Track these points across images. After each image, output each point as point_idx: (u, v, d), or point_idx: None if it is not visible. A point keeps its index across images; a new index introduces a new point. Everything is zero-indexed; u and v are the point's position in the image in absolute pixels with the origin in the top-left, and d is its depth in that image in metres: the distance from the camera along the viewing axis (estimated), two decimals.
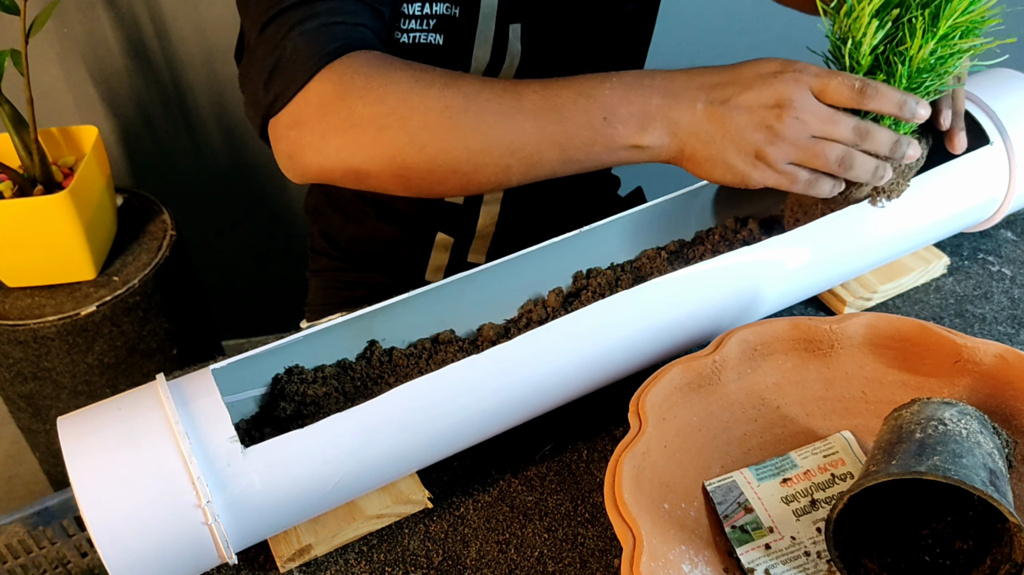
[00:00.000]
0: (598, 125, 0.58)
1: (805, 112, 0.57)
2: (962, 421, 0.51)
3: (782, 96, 0.57)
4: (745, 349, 0.59)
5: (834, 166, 0.58)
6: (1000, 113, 0.70)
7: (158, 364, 1.28)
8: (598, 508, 0.59)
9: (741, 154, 0.58)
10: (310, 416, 0.60)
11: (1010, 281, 0.76)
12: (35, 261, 1.16)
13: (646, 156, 0.60)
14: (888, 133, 0.59)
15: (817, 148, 0.58)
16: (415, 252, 0.95)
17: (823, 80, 0.58)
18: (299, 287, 1.09)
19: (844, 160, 0.58)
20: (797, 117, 0.57)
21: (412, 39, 0.74)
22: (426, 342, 0.66)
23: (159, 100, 1.46)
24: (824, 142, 0.58)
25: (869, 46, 0.59)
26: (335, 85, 0.59)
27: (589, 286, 0.69)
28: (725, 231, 0.74)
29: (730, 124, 0.57)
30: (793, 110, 0.57)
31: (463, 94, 0.58)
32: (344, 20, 0.61)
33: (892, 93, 0.58)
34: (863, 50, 0.59)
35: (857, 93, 0.58)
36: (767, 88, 0.57)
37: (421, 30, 0.73)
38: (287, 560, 0.56)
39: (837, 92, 0.58)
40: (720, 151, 0.58)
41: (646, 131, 0.58)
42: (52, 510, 1.02)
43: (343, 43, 0.60)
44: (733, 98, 0.58)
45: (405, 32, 0.73)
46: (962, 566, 0.51)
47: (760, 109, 0.57)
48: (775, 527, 0.54)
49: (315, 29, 0.60)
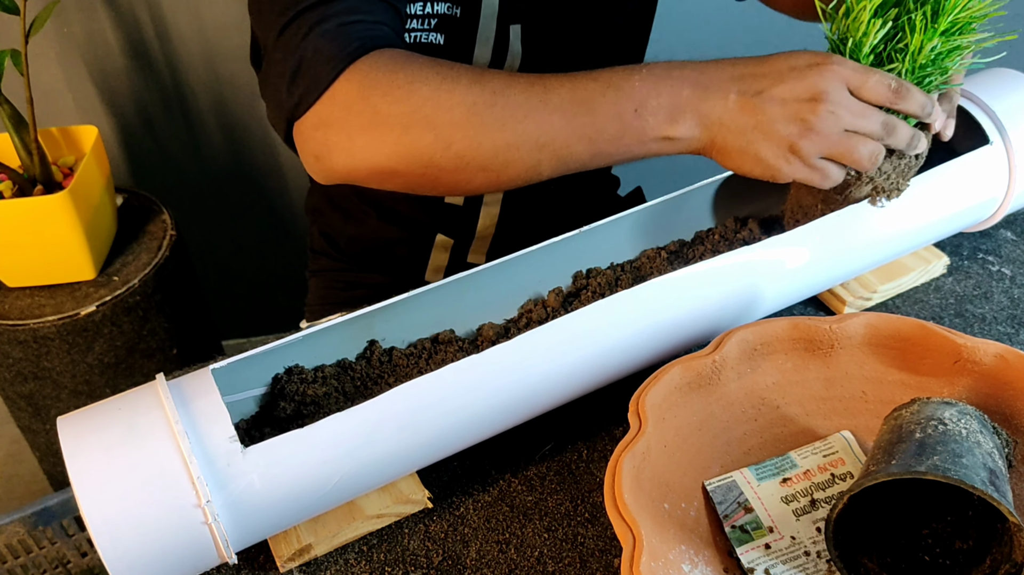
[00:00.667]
0: (628, 118, 0.58)
1: (840, 107, 0.56)
2: (962, 421, 0.51)
3: (818, 89, 0.56)
4: (745, 349, 0.59)
5: (866, 162, 0.58)
6: (1000, 113, 0.70)
7: (158, 364, 1.28)
8: (598, 508, 0.59)
9: (773, 146, 0.57)
10: (310, 416, 0.60)
11: (1010, 281, 0.76)
12: (35, 261, 1.16)
13: (677, 148, 0.59)
14: (907, 128, 0.59)
15: (851, 143, 0.57)
16: (415, 253, 0.95)
17: (861, 76, 0.57)
18: (299, 287, 1.09)
19: (875, 156, 0.58)
20: (832, 111, 0.56)
21: (413, 39, 0.74)
22: (426, 342, 0.66)
23: (159, 100, 1.46)
24: (857, 136, 0.57)
25: (870, 46, 0.59)
26: (359, 85, 0.58)
27: (589, 286, 0.69)
28: (725, 231, 0.74)
29: (763, 116, 0.57)
30: (829, 103, 0.56)
31: (489, 90, 0.58)
32: (363, 19, 0.61)
33: (920, 95, 0.58)
34: (864, 50, 0.59)
35: (893, 93, 0.58)
36: (803, 81, 0.56)
37: (422, 29, 0.73)
38: (287, 560, 0.56)
39: (875, 90, 0.57)
40: (751, 143, 0.57)
41: (677, 122, 0.58)
42: (52, 510, 1.02)
43: (364, 42, 0.60)
44: (767, 90, 0.57)
45: (407, 32, 0.73)
46: (962, 566, 0.51)
47: (794, 102, 0.56)
48: (775, 527, 0.54)
49: (335, 29, 0.59)
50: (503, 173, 0.59)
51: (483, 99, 0.57)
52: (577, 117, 0.58)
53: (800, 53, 0.58)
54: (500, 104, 0.57)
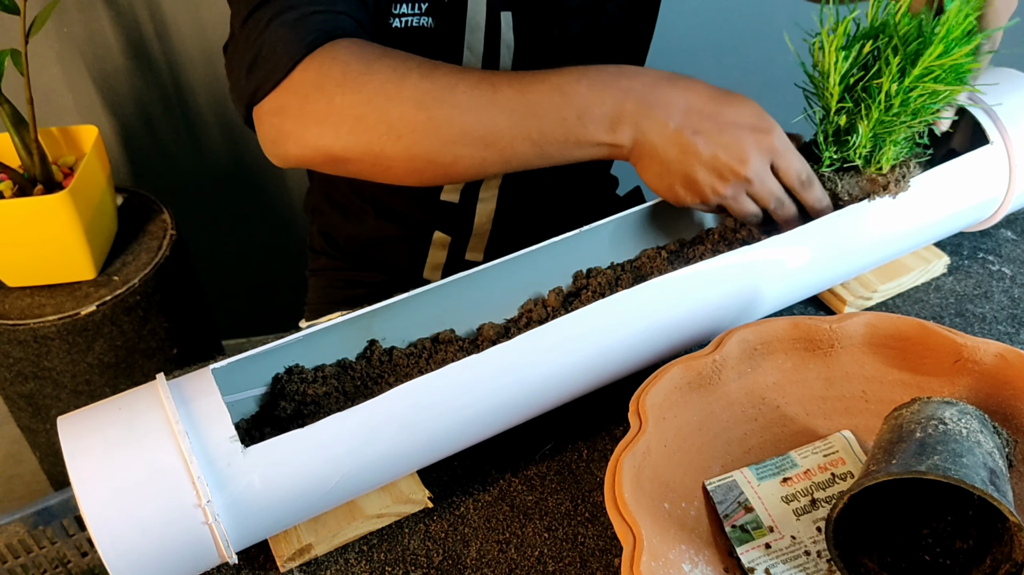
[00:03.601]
0: (571, 124, 0.60)
1: (755, 178, 0.62)
2: (962, 420, 0.51)
3: (745, 156, 0.61)
4: (745, 348, 0.59)
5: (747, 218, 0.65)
6: (1000, 113, 0.70)
7: (158, 364, 1.28)
8: (598, 507, 0.59)
9: (685, 183, 0.62)
10: (310, 416, 0.60)
11: (1010, 280, 0.76)
12: (35, 261, 1.16)
13: (613, 154, 0.63)
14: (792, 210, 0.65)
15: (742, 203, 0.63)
16: (413, 250, 0.95)
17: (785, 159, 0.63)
18: (299, 287, 1.09)
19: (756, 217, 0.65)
20: (746, 179, 0.62)
21: (404, 23, 0.74)
22: (426, 342, 0.66)
23: (159, 100, 1.46)
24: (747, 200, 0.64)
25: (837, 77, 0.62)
26: (315, 74, 0.60)
27: (589, 286, 0.69)
28: (725, 231, 0.74)
29: (690, 156, 0.61)
30: (748, 172, 0.61)
31: (439, 85, 0.60)
32: (325, 9, 0.63)
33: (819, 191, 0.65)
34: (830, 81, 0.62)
35: (799, 184, 0.64)
36: (738, 142, 0.61)
37: (413, 14, 0.74)
38: (287, 560, 0.56)
39: (787, 175, 0.63)
40: (670, 172, 0.62)
41: (615, 132, 0.61)
42: (52, 510, 1.02)
43: (323, 32, 0.61)
44: (705, 133, 0.61)
45: (397, 16, 0.74)
46: (962, 565, 0.51)
47: (722, 156, 0.61)
48: (775, 526, 0.54)
49: (295, 20, 0.61)
50: (451, 168, 0.61)
51: (432, 94, 0.59)
52: (523, 120, 0.60)
53: (750, 109, 0.62)
54: (448, 101, 0.59)
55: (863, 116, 0.63)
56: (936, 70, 0.60)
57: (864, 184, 0.66)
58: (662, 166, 0.62)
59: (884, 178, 0.65)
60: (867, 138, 0.64)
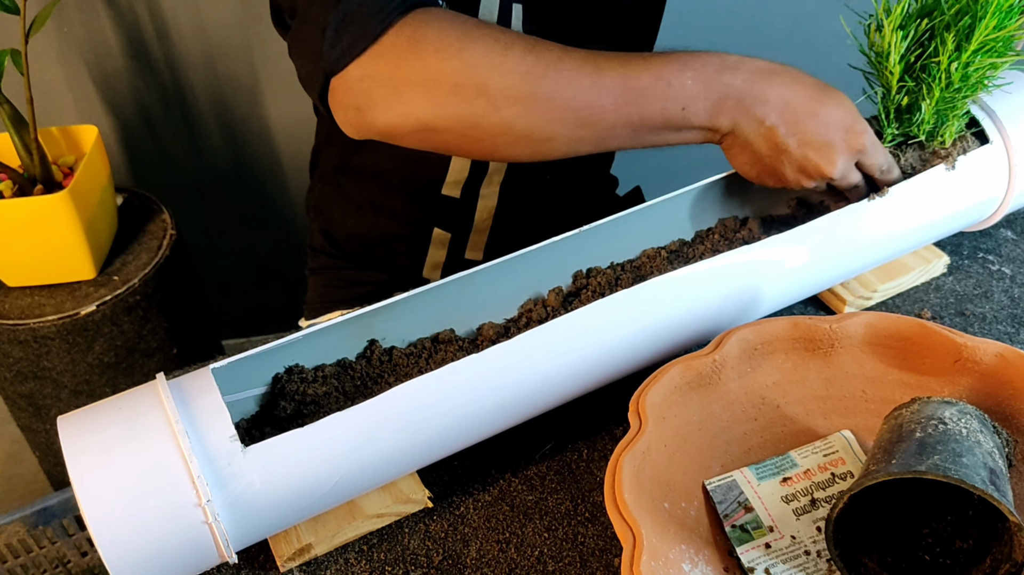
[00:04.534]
0: (672, 113, 0.60)
1: (840, 178, 0.64)
2: (962, 420, 0.51)
3: (833, 159, 0.62)
4: (745, 348, 0.59)
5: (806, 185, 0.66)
6: (1000, 113, 0.70)
7: (158, 363, 1.28)
8: (598, 507, 0.59)
9: (772, 176, 0.64)
10: (310, 415, 0.60)
11: (1010, 280, 0.76)
12: (35, 261, 1.16)
13: (705, 139, 0.63)
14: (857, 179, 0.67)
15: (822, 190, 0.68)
16: (413, 248, 0.95)
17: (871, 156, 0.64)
18: (299, 286, 1.09)
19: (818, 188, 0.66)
20: (832, 177, 0.64)
21: None
22: (426, 341, 0.66)
23: (159, 100, 1.46)
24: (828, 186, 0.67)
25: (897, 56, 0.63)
26: (408, 39, 0.58)
27: (589, 285, 0.69)
28: (725, 231, 0.74)
29: (780, 155, 0.62)
30: (833, 173, 0.63)
31: (544, 61, 0.58)
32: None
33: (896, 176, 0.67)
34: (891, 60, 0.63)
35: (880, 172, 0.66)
36: (828, 147, 0.62)
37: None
38: (287, 559, 0.56)
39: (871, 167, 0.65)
40: (759, 165, 0.63)
41: (712, 122, 0.61)
42: (52, 510, 1.02)
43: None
44: (800, 135, 0.61)
45: None
46: (962, 565, 0.51)
47: (811, 159, 0.62)
48: (775, 526, 0.54)
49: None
50: (543, 144, 0.60)
51: (537, 69, 0.58)
52: (626, 105, 0.59)
53: (845, 109, 0.63)
54: (552, 77, 0.58)
55: (925, 95, 0.65)
56: (991, 43, 0.62)
57: (928, 157, 0.68)
58: (752, 157, 0.63)
59: (946, 151, 0.68)
60: (931, 114, 0.66)
